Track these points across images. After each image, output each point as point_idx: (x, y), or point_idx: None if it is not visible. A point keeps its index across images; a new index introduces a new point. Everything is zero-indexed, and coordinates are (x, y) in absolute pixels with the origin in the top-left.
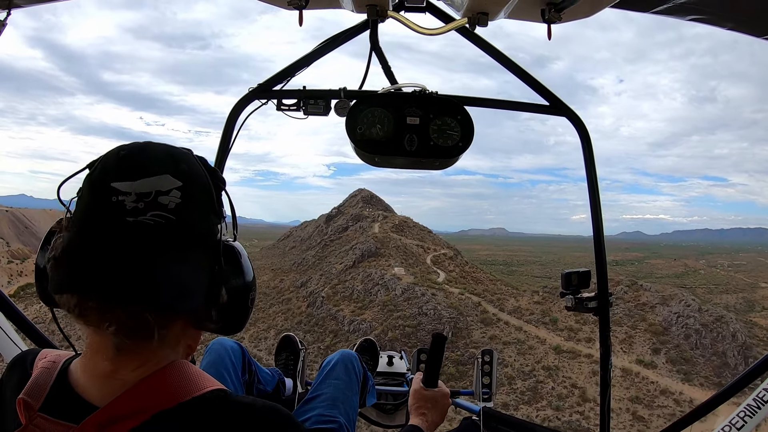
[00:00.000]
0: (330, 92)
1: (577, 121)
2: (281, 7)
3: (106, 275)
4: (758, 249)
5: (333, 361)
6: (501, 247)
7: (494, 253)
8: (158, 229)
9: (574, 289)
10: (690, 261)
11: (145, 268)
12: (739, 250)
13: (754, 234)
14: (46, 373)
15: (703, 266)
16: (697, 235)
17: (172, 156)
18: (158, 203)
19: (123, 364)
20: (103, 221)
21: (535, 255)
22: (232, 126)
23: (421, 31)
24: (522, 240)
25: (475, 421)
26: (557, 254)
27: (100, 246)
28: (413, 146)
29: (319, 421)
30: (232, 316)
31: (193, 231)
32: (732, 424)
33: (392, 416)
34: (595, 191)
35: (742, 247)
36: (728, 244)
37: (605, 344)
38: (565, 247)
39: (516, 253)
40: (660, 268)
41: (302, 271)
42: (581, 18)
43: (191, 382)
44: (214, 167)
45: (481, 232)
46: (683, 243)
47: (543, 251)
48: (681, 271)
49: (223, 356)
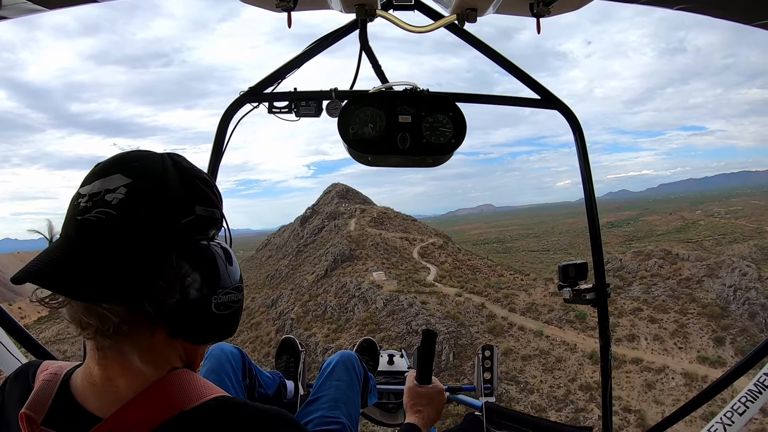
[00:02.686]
0: (321, 93)
1: (569, 114)
2: (270, 9)
3: (48, 267)
4: (748, 192)
5: (333, 362)
6: (491, 224)
7: (485, 232)
8: (99, 225)
9: (572, 281)
10: (686, 213)
11: (82, 261)
12: (729, 195)
13: (738, 178)
14: (48, 385)
15: (701, 217)
16: (682, 186)
17: (129, 157)
18: (104, 201)
19: (110, 368)
20: (65, 222)
21: (527, 227)
22: (224, 131)
23: (411, 29)
24: (511, 213)
25: (478, 417)
26: (549, 223)
27: (57, 242)
28: (406, 144)
29: (321, 422)
30: (193, 320)
31: (138, 226)
32: (734, 409)
33: (394, 415)
34: (590, 182)
35: (731, 193)
36: (716, 191)
37: (605, 335)
38: (554, 215)
39: (507, 228)
40: (658, 224)
41: (275, 285)
42: (570, 11)
43: (192, 390)
44: (192, 166)
45: (469, 210)
46: (671, 196)
47: (534, 222)
48: (680, 225)
49: (222, 361)
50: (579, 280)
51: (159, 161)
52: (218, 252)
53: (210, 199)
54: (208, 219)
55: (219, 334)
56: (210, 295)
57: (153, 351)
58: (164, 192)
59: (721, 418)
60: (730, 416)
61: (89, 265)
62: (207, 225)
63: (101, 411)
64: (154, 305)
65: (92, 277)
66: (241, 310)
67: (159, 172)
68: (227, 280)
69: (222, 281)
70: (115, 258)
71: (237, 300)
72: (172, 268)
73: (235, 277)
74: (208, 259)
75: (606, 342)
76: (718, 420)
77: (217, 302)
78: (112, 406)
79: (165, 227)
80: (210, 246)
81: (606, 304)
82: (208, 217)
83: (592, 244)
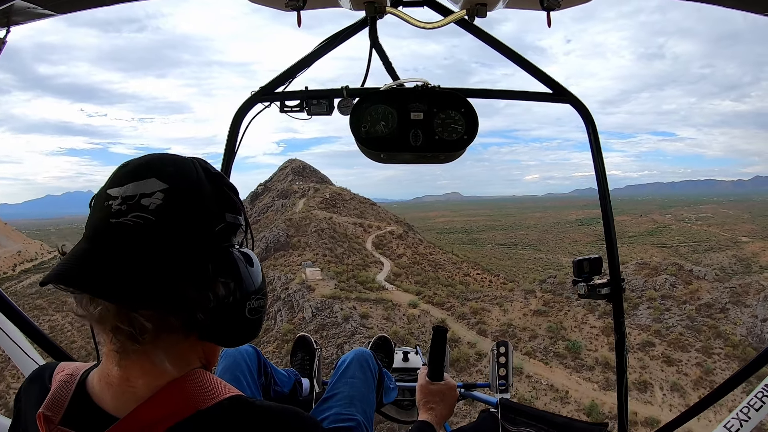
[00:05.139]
0: (332, 91)
1: (582, 107)
2: (279, 8)
3: (82, 270)
4: (715, 200)
5: (348, 359)
6: (457, 212)
7: (451, 220)
8: (137, 230)
9: (587, 276)
10: (656, 216)
11: (119, 265)
12: (697, 202)
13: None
14: (65, 386)
15: (672, 221)
16: (648, 189)
17: (162, 161)
18: (140, 205)
19: (130, 369)
20: (94, 224)
21: (494, 219)
22: (237, 130)
23: (421, 25)
24: (477, 203)
25: (493, 413)
26: (516, 216)
27: (87, 245)
28: (418, 141)
29: (337, 419)
30: (228, 325)
31: (177, 232)
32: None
33: (410, 412)
34: (603, 175)
35: (698, 199)
36: (683, 196)
37: (620, 331)
38: (521, 207)
39: (474, 218)
40: (628, 225)
41: None
42: (580, 3)
43: (208, 390)
44: (218, 172)
45: (436, 198)
46: (638, 197)
47: (501, 214)
48: (652, 228)
49: (238, 360)
50: (593, 275)
51: (192, 166)
52: (246, 257)
53: (237, 205)
54: (235, 226)
55: (249, 337)
56: (244, 300)
57: (179, 353)
58: (200, 199)
59: (738, 414)
60: (747, 412)
61: (127, 270)
62: (234, 231)
63: (118, 411)
64: (191, 312)
65: (130, 281)
66: (266, 312)
67: (194, 178)
68: (255, 284)
69: (252, 286)
70: (153, 263)
71: (264, 304)
72: (208, 274)
73: (260, 281)
74: (240, 266)
75: (621, 338)
76: (734, 416)
77: (250, 307)
78: (129, 405)
79: (201, 234)
80: (240, 252)
81: (621, 299)
82: (234, 224)
83: (606, 238)
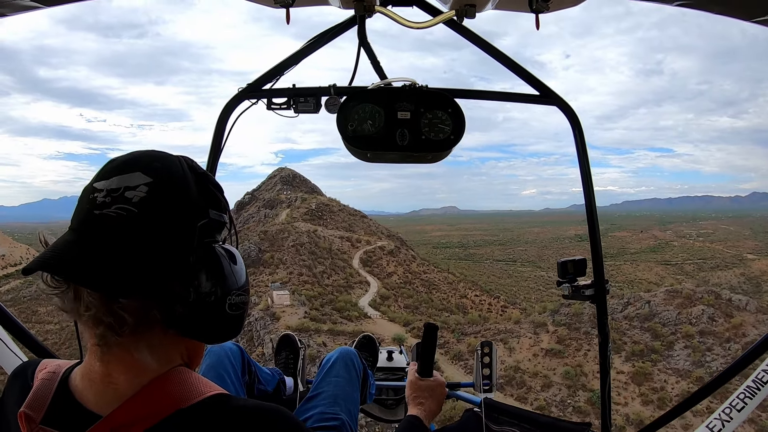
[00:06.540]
0: (320, 89)
1: (568, 110)
2: (268, 5)
3: (65, 258)
4: (713, 216)
5: (332, 358)
6: (454, 226)
7: (448, 234)
8: (120, 221)
9: (571, 277)
10: (657, 232)
11: (101, 254)
12: (695, 218)
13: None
14: (47, 384)
15: (673, 237)
16: (646, 204)
17: (149, 156)
18: (124, 197)
19: (112, 364)
20: (79, 215)
21: (491, 233)
22: (223, 128)
23: (409, 25)
24: (474, 217)
25: (477, 413)
26: (513, 231)
27: (71, 236)
28: (405, 141)
29: (321, 419)
30: (207, 320)
31: (159, 224)
32: (732, 405)
33: (394, 411)
34: (589, 179)
35: (696, 215)
36: (681, 212)
37: (603, 332)
38: (519, 222)
39: (471, 233)
40: (629, 241)
41: None
42: (568, 6)
43: (190, 388)
44: (204, 170)
45: (433, 211)
46: (636, 213)
47: (498, 229)
48: (654, 244)
49: (222, 358)
50: (578, 276)
51: (178, 163)
52: (229, 254)
53: (221, 203)
54: (219, 223)
55: (229, 333)
56: (224, 296)
57: (160, 349)
58: (184, 194)
59: (720, 414)
60: (729, 413)
61: (108, 259)
62: (218, 229)
63: (100, 408)
64: (171, 305)
65: (111, 270)
66: (248, 310)
67: (179, 174)
68: (238, 282)
69: (234, 283)
70: (134, 254)
71: (246, 301)
72: (189, 268)
73: (243, 279)
74: (222, 261)
75: (605, 339)
76: (716, 416)
77: (231, 303)
78: (111, 403)
79: (183, 228)
80: (222, 248)
81: (605, 300)
82: (219, 221)
83: (591, 240)
